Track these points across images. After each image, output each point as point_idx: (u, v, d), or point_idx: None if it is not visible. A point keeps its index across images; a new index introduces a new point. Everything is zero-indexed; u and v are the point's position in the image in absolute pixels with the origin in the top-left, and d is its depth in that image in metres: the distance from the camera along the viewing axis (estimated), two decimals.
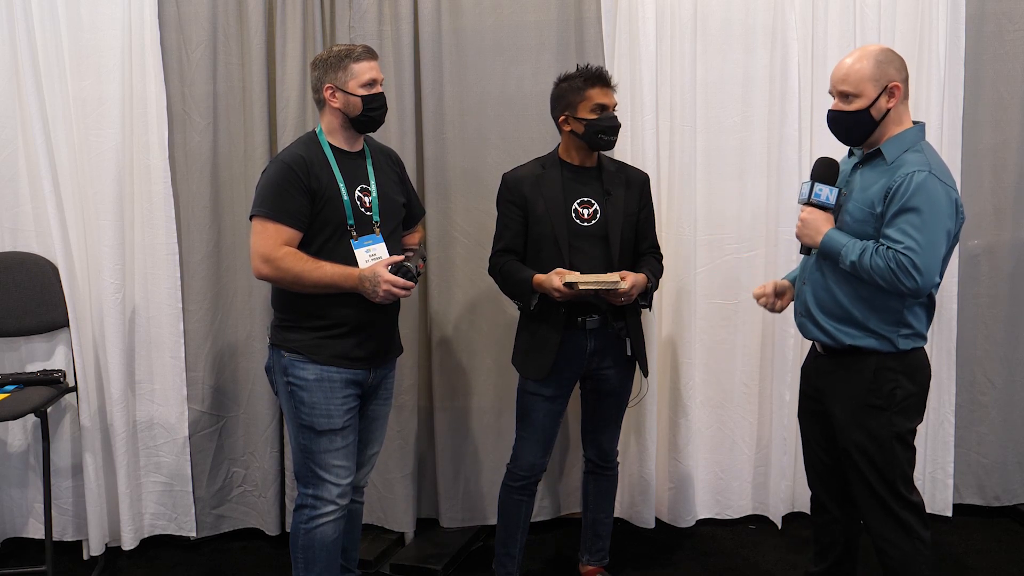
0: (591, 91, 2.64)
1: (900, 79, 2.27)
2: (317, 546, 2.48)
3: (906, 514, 2.34)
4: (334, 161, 2.47)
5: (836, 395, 2.40)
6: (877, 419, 2.32)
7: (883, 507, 2.35)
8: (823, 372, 2.46)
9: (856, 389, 2.35)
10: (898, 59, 2.30)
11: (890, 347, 2.31)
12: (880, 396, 2.32)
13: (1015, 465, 3.44)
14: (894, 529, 2.34)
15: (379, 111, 2.51)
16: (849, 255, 2.25)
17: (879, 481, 2.34)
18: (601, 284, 2.53)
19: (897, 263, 2.17)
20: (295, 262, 2.36)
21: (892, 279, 2.19)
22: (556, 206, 2.68)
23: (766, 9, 3.22)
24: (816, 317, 2.40)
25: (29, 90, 3.01)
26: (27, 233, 3.16)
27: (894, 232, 2.20)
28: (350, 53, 2.47)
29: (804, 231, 2.36)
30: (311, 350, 2.43)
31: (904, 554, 2.34)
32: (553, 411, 2.77)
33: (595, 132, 2.64)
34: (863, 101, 2.27)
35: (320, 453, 2.45)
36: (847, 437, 2.38)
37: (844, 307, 2.33)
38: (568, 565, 3.15)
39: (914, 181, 2.18)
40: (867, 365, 2.33)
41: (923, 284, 2.18)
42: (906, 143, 2.28)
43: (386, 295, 2.36)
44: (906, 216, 2.19)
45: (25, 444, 3.27)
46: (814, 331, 2.42)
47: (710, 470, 3.44)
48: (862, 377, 2.33)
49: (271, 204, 2.38)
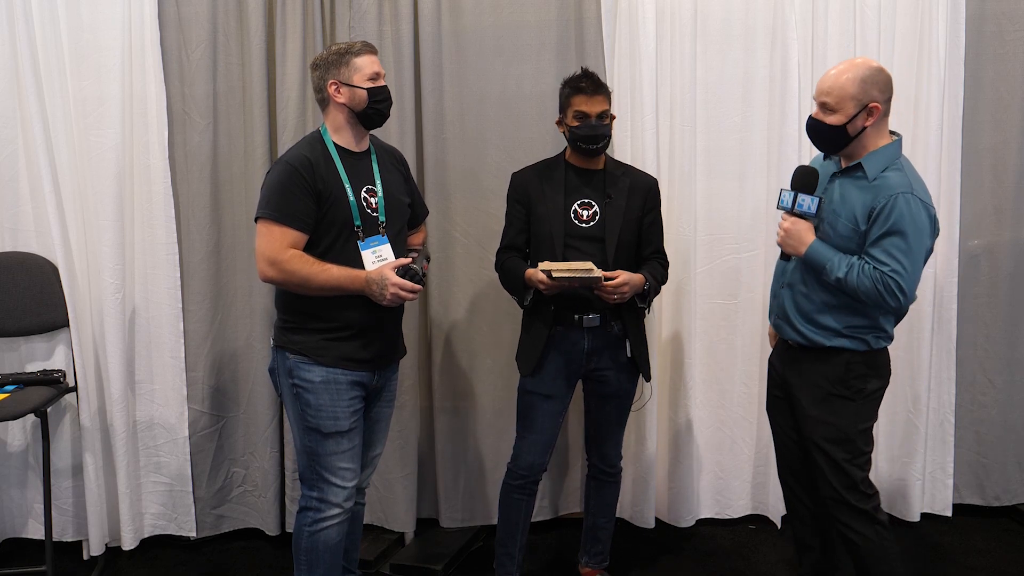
0: (575, 98, 2.66)
1: (881, 100, 2.33)
2: (321, 549, 2.47)
3: (864, 503, 2.43)
4: (339, 161, 2.45)
5: (803, 386, 2.48)
6: (844, 410, 2.41)
7: (841, 499, 2.43)
8: (791, 362, 2.54)
9: (824, 381, 2.43)
10: (883, 79, 2.34)
11: (863, 346, 2.40)
12: (848, 388, 2.41)
13: (1015, 465, 3.45)
14: (855, 518, 2.43)
15: (385, 103, 2.49)
16: (835, 271, 2.32)
17: (839, 473, 2.42)
18: (575, 272, 2.54)
19: (884, 285, 2.26)
20: (302, 265, 2.35)
21: (877, 298, 2.28)
22: (556, 206, 2.70)
23: (766, 9, 3.22)
24: (793, 322, 2.47)
25: (29, 90, 3.02)
26: (27, 233, 3.16)
27: (880, 253, 2.27)
28: (350, 49, 2.46)
29: (788, 241, 2.42)
30: (317, 352, 2.42)
31: (867, 539, 2.42)
32: (552, 411, 2.77)
33: (575, 140, 2.67)
34: (841, 117, 2.33)
35: (326, 456, 2.44)
36: (812, 428, 2.45)
37: (822, 314, 2.41)
38: (568, 565, 3.15)
39: (898, 204, 2.25)
40: (839, 360, 2.41)
41: (905, 304, 2.30)
42: (886, 160, 2.34)
43: (393, 298, 2.34)
44: (891, 239, 2.26)
45: (25, 444, 3.27)
46: (790, 333, 2.50)
47: (710, 470, 3.44)
48: (831, 370, 2.42)
49: (277, 206, 2.36)
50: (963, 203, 3.29)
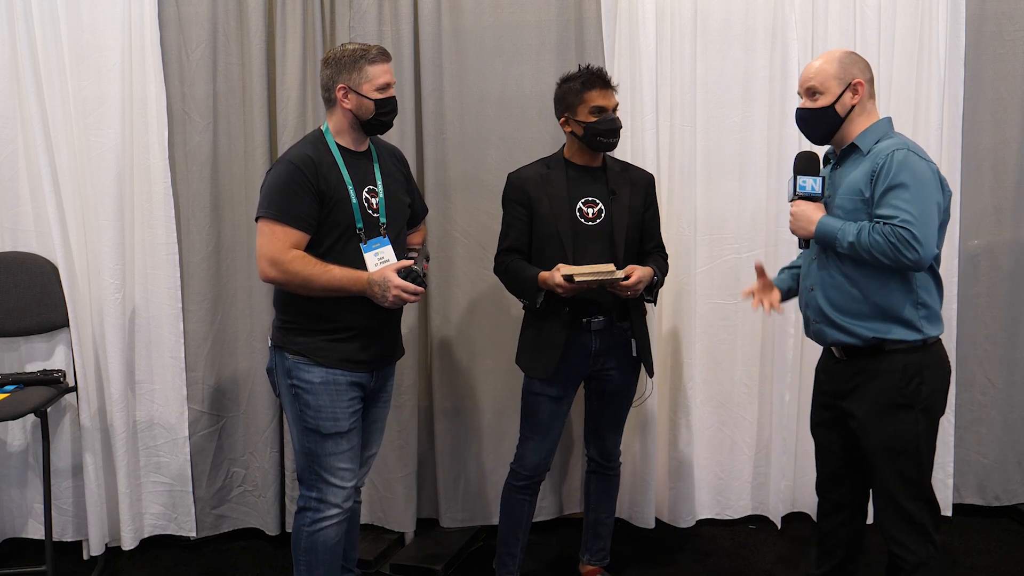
0: (589, 93, 2.63)
1: (864, 78, 2.36)
2: (320, 549, 2.47)
3: (924, 516, 2.33)
4: (342, 162, 2.43)
5: (859, 397, 2.36)
6: (904, 418, 2.30)
7: (901, 511, 2.32)
8: (843, 376, 2.41)
9: (881, 388, 2.31)
10: (862, 61, 2.38)
11: (915, 334, 2.29)
12: (906, 394, 2.29)
13: (1015, 465, 3.45)
14: (909, 533, 2.33)
15: (390, 115, 2.48)
16: (846, 236, 2.26)
17: (902, 484, 2.32)
18: (598, 275, 2.53)
19: (897, 236, 2.18)
20: (304, 266, 2.34)
21: (894, 253, 2.18)
22: (560, 205, 2.68)
23: (766, 9, 3.22)
24: (833, 319, 2.36)
25: (29, 90, 3.02)
26: (27, 233, 3.16)
27: (887, 209, 2.22)
28: (365, 54, 2.42)
29: (797, 224, 2.39)
30: (317, 353, 2.41)
31: (918, 559, 2.32)
32: (558, 411, 2.77)
33: (594, 135, 2.64)
34: (828, 98, 2.34)
35: (325, 456, 2.44)
36: (871, 440, 2.34)
37: (860, 299, 2.31)
38: (568, 565, 3.15)
39: (895, 159, 2.22)
40: (892, 363, 2.30)
41: (924, 255, 2.18)
42: (878, 133, 2.35)
43: (395, 300, 2.33)
44: (895, 192, 2.21)
45: (25, 444, 3.27)
46: (834, 334, 2.38)
47: (710, 470, 3.44)
48: (887, 376, 2.31)
49: (279, 206, 2.34)
50: (963, 203, 3.29)
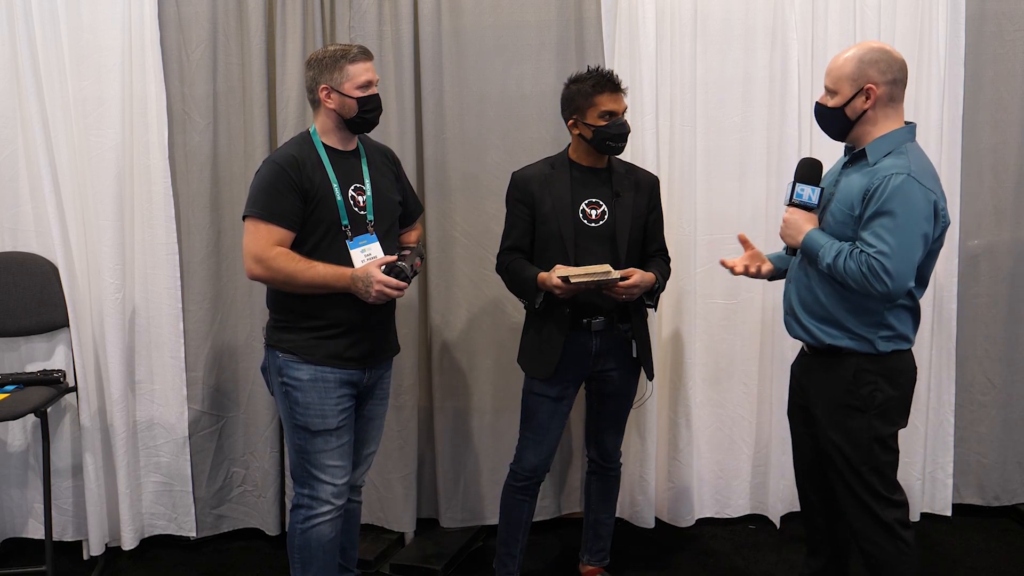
0: (600, 97, 2.62)
1: (882, 81, 2.25)
2: (313, 546, 2.48)
3: (888, 513, 2.33)
4: (327, 160, 2.45)
5: (817, 394, 2.42)
6: (856, 421, 2.33)
7: (864, 508, 2.34)
8: (807, 370, 2.48)
9: (835, 390, 2.35)
10: (885, 61, 2.26)
11: (869, 348, 2.31)
12: (858, 398, 2.32)
13: (1015, 465, 3.45)
14: (876, 530, 2.34)
15: (374, 113, 2.50)
16: (825, 257, 2.26)
17: (859, 483, 2.34)
18: (593, 275, 2.53)
19: (869, 267, 2.18)
20: (287, 262, 2.36)
21: (864, 283, 2.20)
22: (563, 206, 2.68)
23: (766, 9, 3.22)
24: (799, 316, 2.42)
25: (29, 90, 3.01)
26: (27, 233, 3.16)
27: (868, 236, 2.21)
28: (345, 54, 2.44)
29: (786, 231, 2.39)
30: (306, 350, 2.43)
31: (888, 555, 2.34)
32: (558, 412, 2.77)
33: (603, 139, 2.64)
34: (839, 99, 2.30)
35: (315, 453, 2.45)
36: (827, 438, 2.38)
37: (825, 307, 2.34)
38: (568, 565, 3.15)
39: (891, 184, 2.18)
40: (846, 366, 2.33)
41: (894, 288, 2.18)
42: (890, 145, 2.27)
43: (379, 295, 2.34)
44: (880, 220, 2.19)
45: (25, 444, 3.27)
46: (797, 330, 2.44)
47: (710, 470, 3.44)
48: (841, 378, 2.34)
49: (263, 204, 2.38)
50: (963, 203, 3.29)
